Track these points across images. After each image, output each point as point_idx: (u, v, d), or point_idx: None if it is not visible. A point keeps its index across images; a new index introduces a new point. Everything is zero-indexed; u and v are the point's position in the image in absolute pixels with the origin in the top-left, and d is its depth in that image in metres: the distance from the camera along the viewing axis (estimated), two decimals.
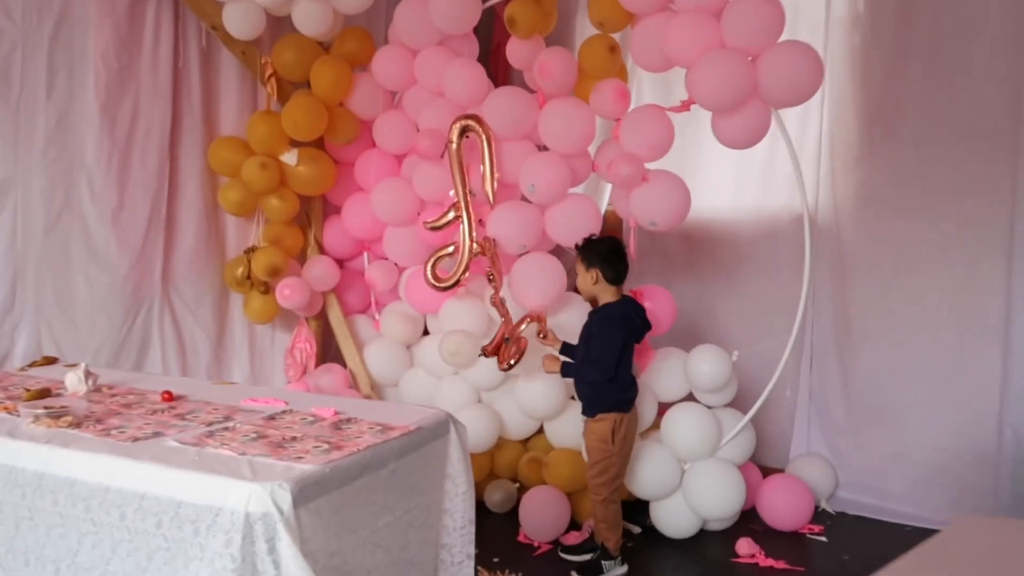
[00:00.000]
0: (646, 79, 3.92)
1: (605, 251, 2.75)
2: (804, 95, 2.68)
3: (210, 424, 1.74)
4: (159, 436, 1.65)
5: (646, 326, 2.81)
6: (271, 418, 1.81)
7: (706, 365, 2.99)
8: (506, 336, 3.04)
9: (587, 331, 2.74)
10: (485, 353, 3.03)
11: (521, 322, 3.03)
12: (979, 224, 3.22)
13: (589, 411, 2.78)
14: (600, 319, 2.75)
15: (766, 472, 3.45)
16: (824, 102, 3.55)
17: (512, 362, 3.00)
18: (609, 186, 4.15)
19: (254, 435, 1.65)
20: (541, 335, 2.91)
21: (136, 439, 1.62)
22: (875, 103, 3.45)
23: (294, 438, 1.64)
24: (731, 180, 3.87)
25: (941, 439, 3.32)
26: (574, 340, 2.84)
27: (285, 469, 1.43)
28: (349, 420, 1.78)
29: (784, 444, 3.72)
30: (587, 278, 2.75)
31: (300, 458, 1.49)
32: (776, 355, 3.46)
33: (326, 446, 1.57)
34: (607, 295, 2.76)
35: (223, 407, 1.90)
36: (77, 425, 1.71)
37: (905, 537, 3.18)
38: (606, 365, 2.66)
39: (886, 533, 3.23)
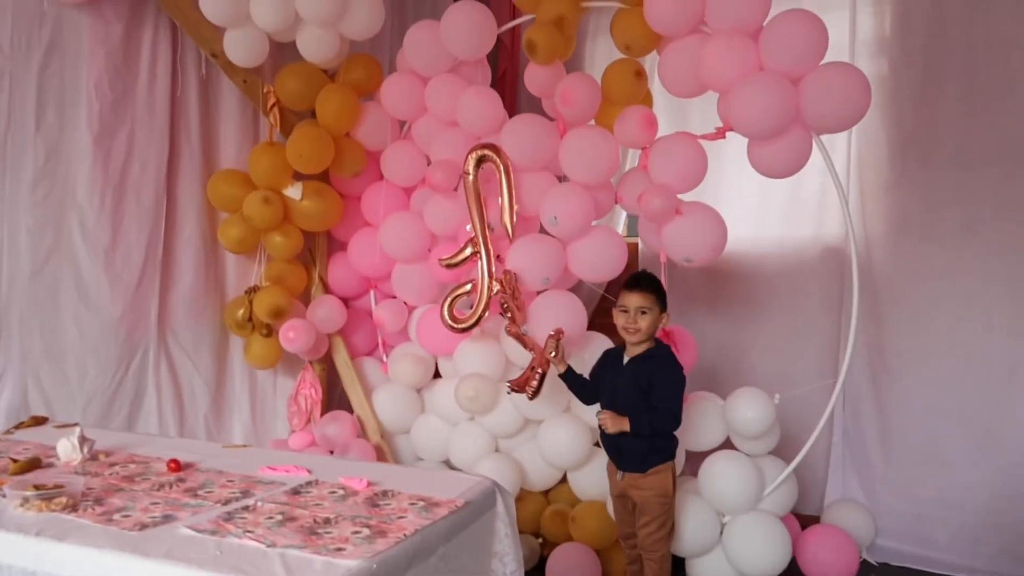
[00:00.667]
0: (660, 106, 3.76)
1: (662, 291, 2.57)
2: (851, 120, 2.52)
3: (227, 503, 1.52)
4: (170, 521, 1.42)
5: None
6: (295, 492, 1.59)
7: (749, 411, 2.79)
8: (535, 367, 2.79)
9: (648, 377, 2.47)
10: (514, 388, 2.73)
11: (546, 346, 2.79)
12: (1020, 249, 3.07)
13: (640, 466, 2.52)
14: (670, 362, 2.52)
15: (801, 521, 3.24)
16: (852, 131, 3.41)
17: (535, 384, 2.69)
18: (623, 217, 4.01)
19: (280, 517, 1.43)
20: (552, 353, 2.62)
21: (143, 526, 1.39)
22: (907, 127, 3.31)
23: (327, 520, 1.42)
24: (753, 210, 3.70)
25: (990, 482, 3.14)
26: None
27: (325, 567, 1.21)
28: (385, 493, 1.56)
29: (818, 490, 3.52)
30: (660, 320, 2.53)
31: (340, 550, 1.27)
32: (812, 396, 3.30)
33: (367, 531, 1.35)
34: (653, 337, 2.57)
35: (239, 478, 1.67)
36: (73, 508, 1.48)
37: None
38: (678, 414, 2.44)
39: None
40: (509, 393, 2.78)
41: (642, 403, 2.46)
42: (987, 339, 3.13)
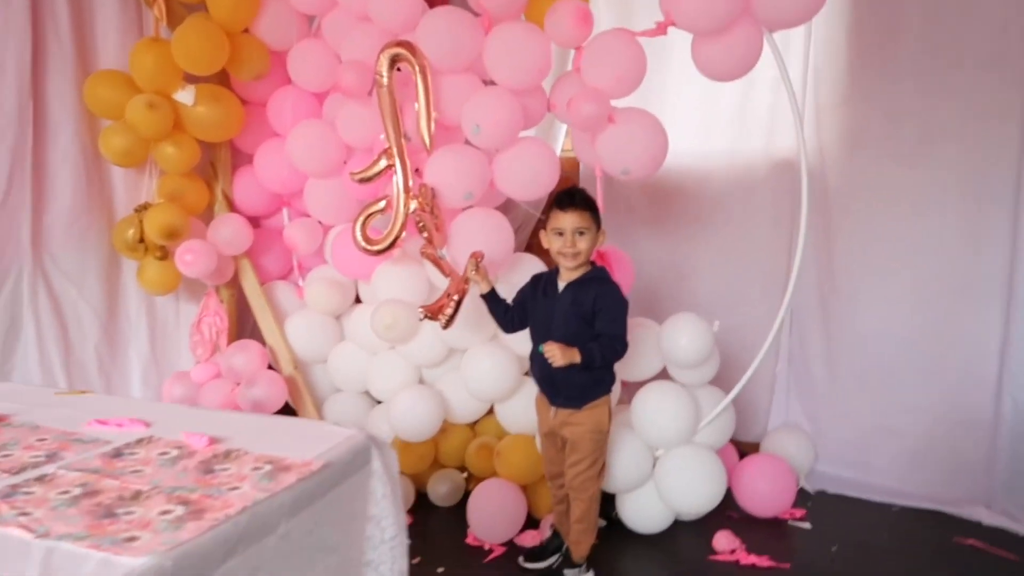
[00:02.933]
0: (603, 2, 3.39)
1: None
2: (806, 13, 2.21)
3: (20, 471, 1.22)
4: None
5: None
6: (116, 454, 1.29)
7: (684, 337, 2.58)
8: (451, 294, 2.57)
9: (591, 303, 2.24)
10: (427, 314, 2.53)
11: (466, 267, 2.52)
12: (983, 169, 2.84)
13: (578, 401, 2.31)
14: (612, 286, 2.29)
15: (740, 448, 3.10)
16: (810, 27, 3.09)
17: (450, 312, 2.50)
18: (564, 128, 3.69)
19: (78, 491, 1.14)
20: (473, 270, 2.42)
21: None
22: (868, 28, 3.00)
23: (136, 495, 1.13)
24: (700, 121, 3.40)
25: (932, 408, 3.01)
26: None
27: (100, 567, 0.91)
28: (228, 454, 1.29)
29: (761, 416, 3.37)
30: (598, 239, 2.30)
31: (132, 540, 0.98)
32: (756, 320, 3.11)
33: (181, 509, 1.07)
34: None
35: (54, 435, 1.37)
36: None
37: (893, 519, 2.88)
38: (625, 340, 2.24)
39: (872, 515, 2.92)
40: (422, 319, 2.53)
41: (586, 332, 2.23)
42: (940, 260, 2.94)
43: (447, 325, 2.51)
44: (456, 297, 2.50)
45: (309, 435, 1.36)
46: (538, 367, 2.36)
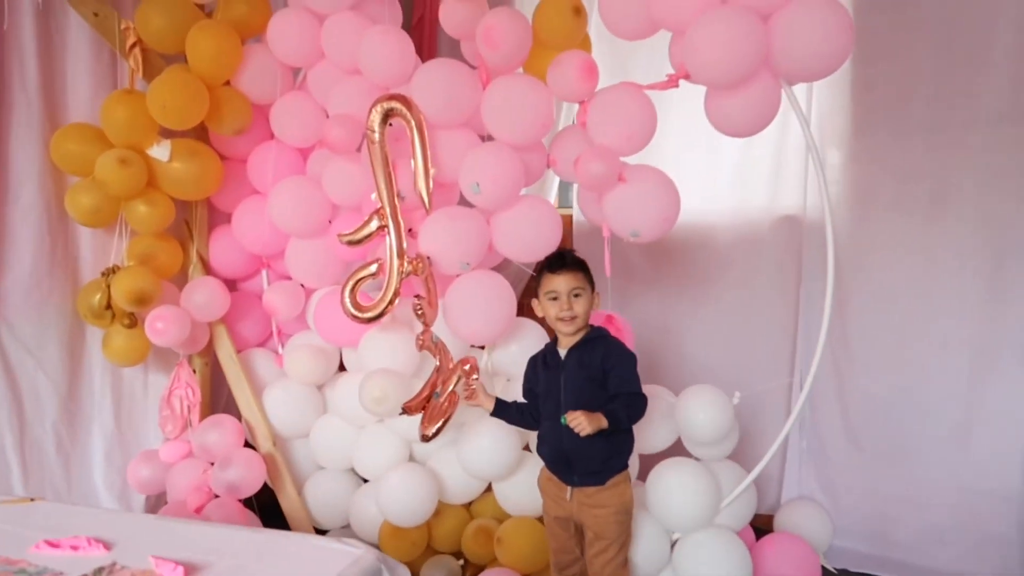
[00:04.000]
0: (596, 53, 3.27)
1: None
2: (829, 66, 2.08)
3: None
4: None
5: None
6: None
7: (702, 412, 2.38)
8: (436, 389, 2.42)
9: (600, 363, 2.07)
10: (407, 411, 2.43)
11: (452, 373, 2.42)
12: (1001, 224, 2.74)
13: (599, 476, 2.09)
14: (618, 343, 2.14)
15: (754, 522, 2.89)
16: (812, 84, 3.01)
17: (438, 427, 2.41)
18: (556, 184, 3.55)
19: None
20: (467, 396, 2.33)
21: None
22: (876, 85, 2.92)
23: None
24: (699, 178, 3.27)
25: (957, 479, 2.85)
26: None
27: None
28: None
29: (772, 489, 3.18)
30: (594, 302, 2.16)
31: None
32: (764, 385, 2.95)
33: None
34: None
35: None
36: None
37: None
38: (644, 396, 2.07)
39: None
40: (401, 414, 2.43)
41: (600, 395, 2.05)
42: (960, 322, 2.81)
43: (430, 437, 2.42)
44: (446, 407, 2.41)
45: (306, 557, 1.13)
46: (549, 444, 2.16)
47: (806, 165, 3.08)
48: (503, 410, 2.30)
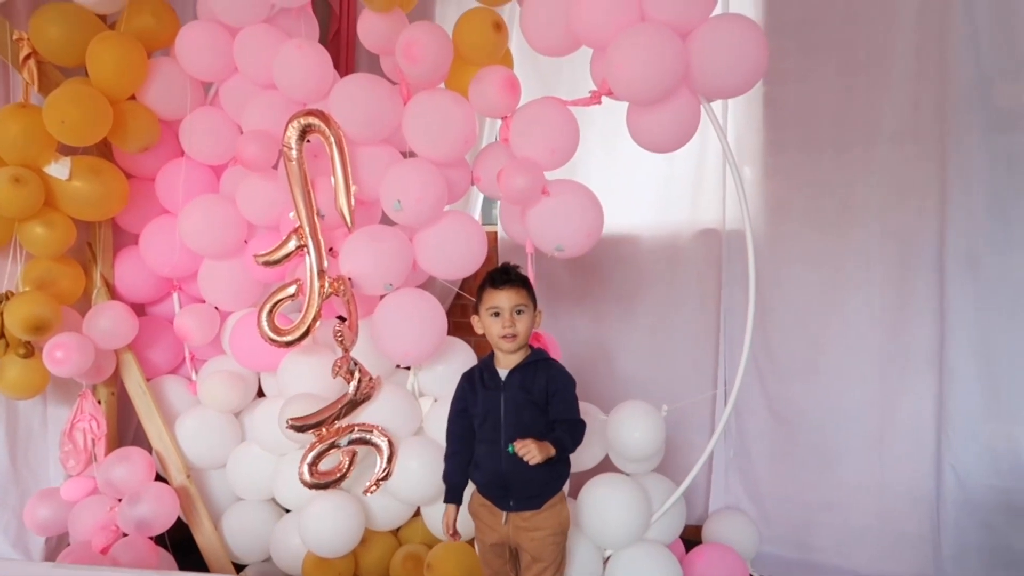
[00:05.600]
0: (519, 70, 3.28)
1: None
2: (746, 83, 2.13)
3: None
4: None
5: None
6: None
7: (636, 430, 2.38)
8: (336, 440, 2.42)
9: (544, 387, 2.03)
10: (296, 426, 2.41)
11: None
12: (906, 237, 2.85)
13: (537, 500, 2.05)
14: (561, 368, 2.10)
15: (683, 533, 2.91)
16: (727, 104, 3.09)
17: (341, 474, 2.43)
18: (480, 201, 3.52)
19: None
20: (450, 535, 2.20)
21: None
22: (786, 104, 3.01)
23: None
24: (620, 193, 3.30)
25: (874, 482, 2.93)
26: None
27: None
28: None
29: (699, 499, 3.21)
30: (536, 319, 2.11)
31: None
32: (688, 397, 2.98)
33: None
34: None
35: None
36: None
37: None
38: (584, 423, 2.06)
39: None
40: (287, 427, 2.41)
41: (540, 420, 2.02)
42: (870, 331, 2.91)
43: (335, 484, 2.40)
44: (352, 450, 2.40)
45: None
46: (484, 468, 2.10)
47: (724, 180, 3.14)
48: (456, 490, 2.19)
